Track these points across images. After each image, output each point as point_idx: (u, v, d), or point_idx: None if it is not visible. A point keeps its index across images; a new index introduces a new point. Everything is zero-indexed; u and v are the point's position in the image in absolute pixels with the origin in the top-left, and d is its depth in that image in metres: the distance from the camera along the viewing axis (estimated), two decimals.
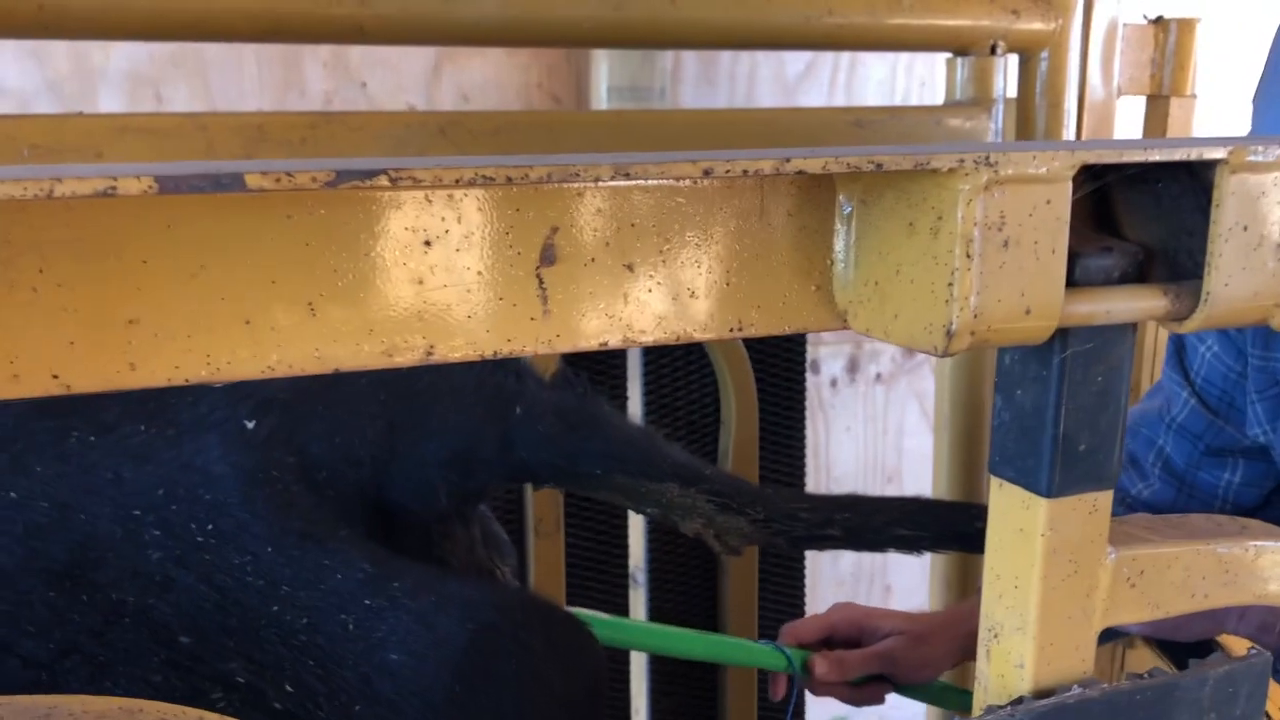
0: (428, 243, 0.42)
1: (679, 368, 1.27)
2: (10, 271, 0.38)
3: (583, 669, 0.77)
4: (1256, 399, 1.07)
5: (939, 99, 1.30)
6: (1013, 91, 1.29)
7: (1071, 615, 0.51)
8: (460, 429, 0.77)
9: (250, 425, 0.68)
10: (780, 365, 1.33)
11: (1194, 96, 1.33)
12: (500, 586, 0.83)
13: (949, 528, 0.65)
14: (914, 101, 1.98)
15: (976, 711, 0.52)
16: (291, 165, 0.35)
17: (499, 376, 0.79)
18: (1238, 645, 0.55)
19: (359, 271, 0.42)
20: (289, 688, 0.63)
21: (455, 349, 0.44)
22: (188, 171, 0.34)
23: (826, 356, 2.39)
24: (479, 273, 0.43)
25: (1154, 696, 0.51)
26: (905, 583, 2.45)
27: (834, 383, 2.43)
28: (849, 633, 1.08)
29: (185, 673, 0.62)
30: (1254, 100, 1.02)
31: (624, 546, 1.31)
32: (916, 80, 2.06)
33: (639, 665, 1.36)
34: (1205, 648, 0.55)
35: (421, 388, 0.77)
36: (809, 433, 1.45)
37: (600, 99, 1.69)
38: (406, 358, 0.43)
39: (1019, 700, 0.50)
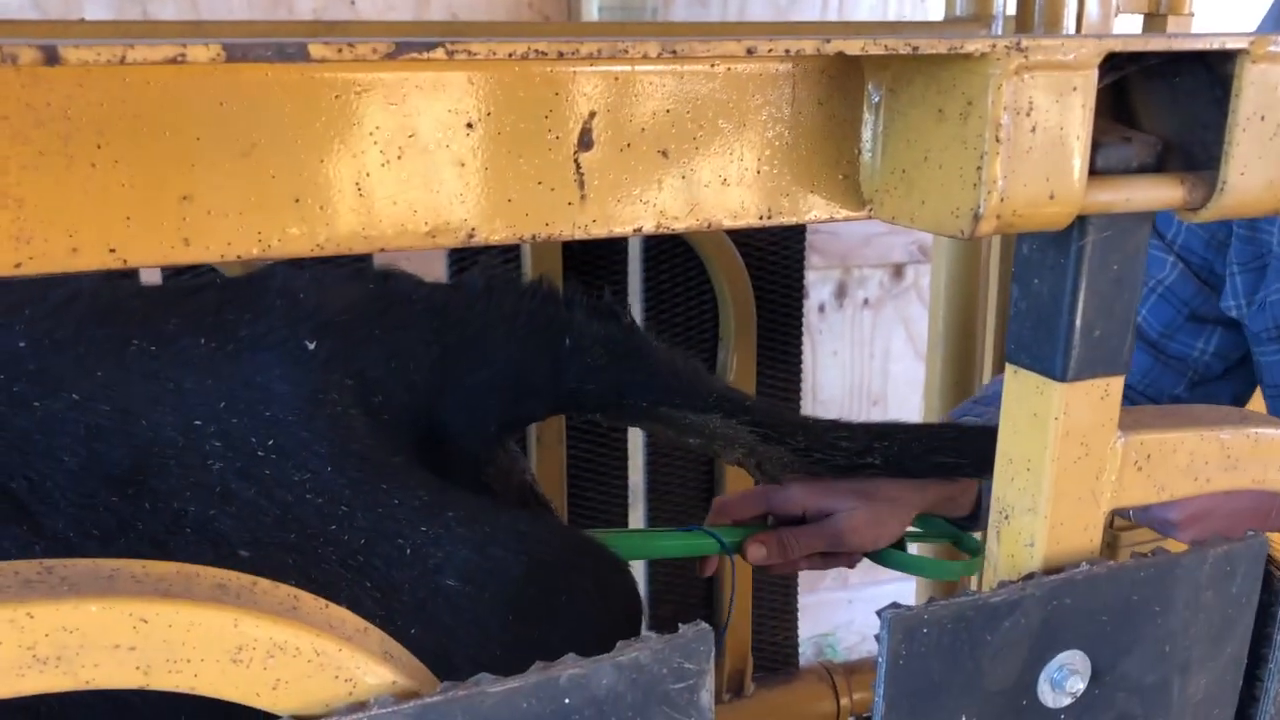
0: (470, 125, 0.43)
1: (679, 284, 1.29)
2: (70, 147, 0.38)
3: (625, 610, 0.78)
4: (1238, 270, 1.05)
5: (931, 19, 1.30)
6: (1012, 9, 1.29)
7: (1081, 496, 0.54)
8: (511, 358, 0.77)
9: (310, 346, 0.68)
10: (778, 286, 1.34)
11: (1191, 15, 1.34)
12: (548, 520, 0.83)
13: (988, 453, 0.65)
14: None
15: (988, 588, 0.54)
16: (351, 38, 0.36)
17: (549, 307, 0.79)
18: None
19: (404, 153, 0.43)
20: (346, 607, 0.63)
21: (495, 231, 0.45)
22: (253, 42, 0.35)
23: (815, 282, 2.40)
24: (519, 156, 0.44)
25: (1156, 574, 0.54)
26: None
27: (822, 308, 2.45)
28: (789, 509, 1.01)
29: None
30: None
31: (624, 460, 1.33)
32: (909, 2, 2.05)
33: (637, 574, 1.38)
34: None
35: (473, 316, 0.77)
36: None
37: (591, 18, 1.68)
38: (449, 239, 0.44)
39: (1030, 576, 0.53)
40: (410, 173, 0.43)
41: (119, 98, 0.39)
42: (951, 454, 0.90)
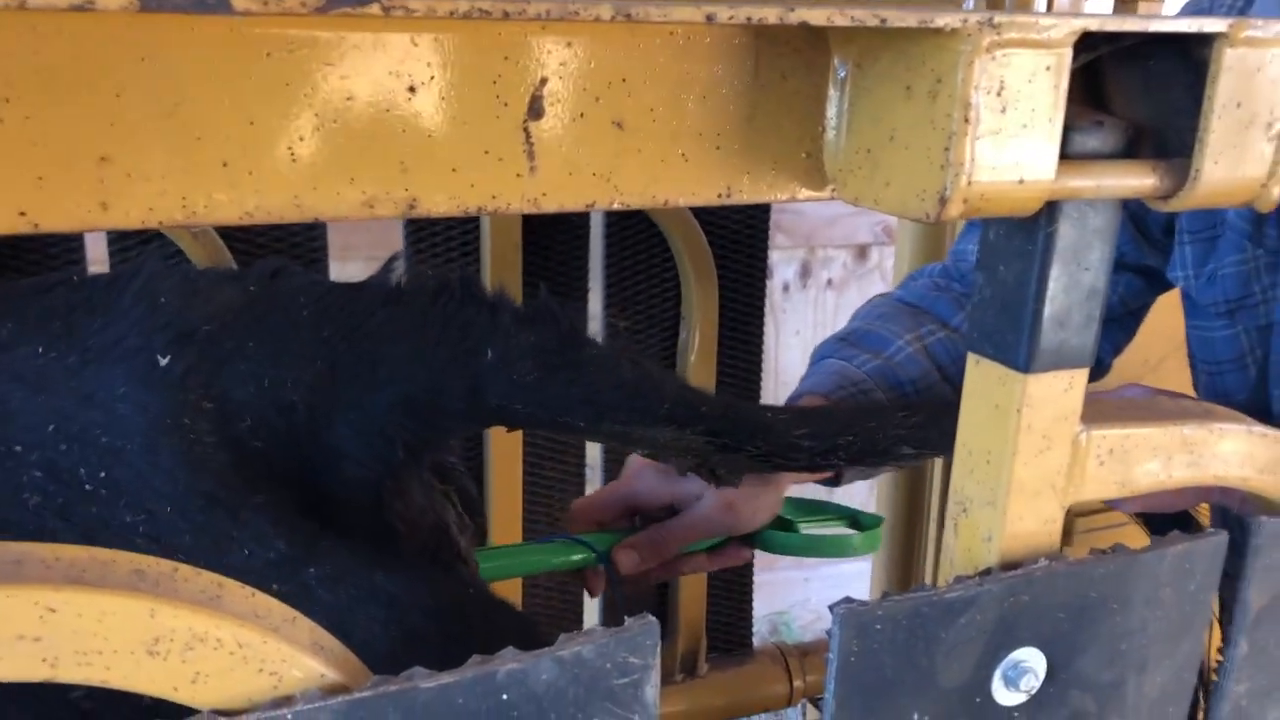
0: (412, 89, 0.41)
1: (641, 261, 1.26)
2: None
3: None
4: (1188, 240, 1.03)
5: None
6: None
7: (1041, 491, 0.52)
8: (420, 375, 0.65)
9: (164, 361, 0.58)
10: (741, 265, 1.32)
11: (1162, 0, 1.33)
12: (442, 582, 0.70)
13: (953, 437, 0.57)
14: None
15: (943, 582, 0.53)
16: None
17: (469, 311, 0.67)
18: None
19: (341, 116, 0.40)
20: None
21: (438, 203, 0.43)
22: None
23: (780, 261, 2.39)
24: (464, 123, 0.42)
25: (1115, 571, 0.53)
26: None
27: (786, 287, 2.44)
28: (653, 503, 0.94)
29: None
30: None
31: (580, 444, 1.31)
32: None
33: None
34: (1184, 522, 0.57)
35: (374, 324, 0.65)
36: None
37: None
38: (388, 209, 0.42)
39: (987, 571, 0.51)
40: (347, 138, 0.40)
41: (29, 48, 0.36)
42: (916, 444, 0.85)
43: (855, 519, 1.04)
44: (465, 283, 0.68)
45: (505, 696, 0.43)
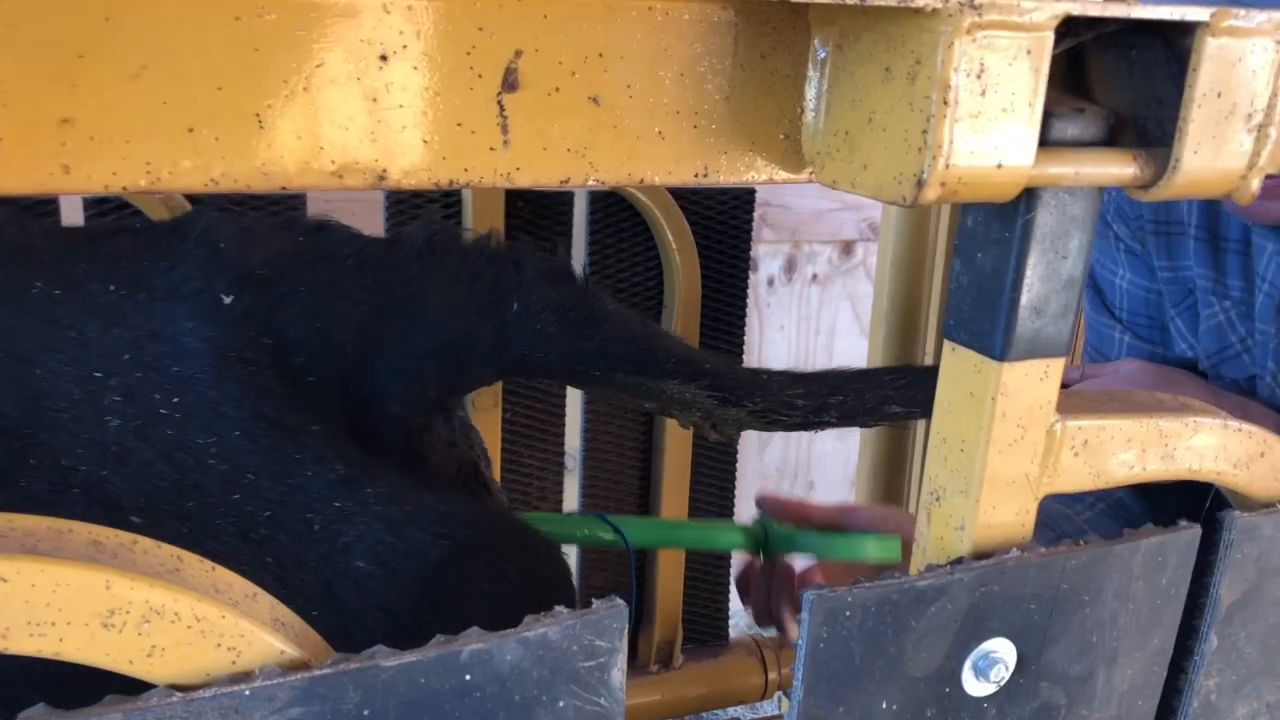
0: (384, 57, 0.40)
1: (624, 249, 1.26)
2: None
3: (557, 602, 0.72)
4: (1175, 314, 1.08)
5: None
6: None
7: (1014, 480, 0.52)
8: (453, 322, 0.72)
9: (227, 300, 0.63)
10: (725, 257, 1.32)
11: None
12: (478, 502, 0.78)
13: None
14: None
15: (915, 571, 0.53)
16: None
17: (496, 267, 0.74)
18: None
19: (310, 84, 0.39)
20: None
21: (409, 175, 0.42)
22: None
23: (765, 255, 2.39)
24: (437, 94, 0.41)
25: (1088, 561, 0.53)
26: (827, 478, 2.50)
27: (771, 282, 2.44)
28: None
29: None
30: None
31: (561, 425, 1.31)
32: None
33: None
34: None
35: (411, 274, 0.71)
36: None
37: None
38: (357, 180, 0.41)
39: (959, 560, 0.51)
40: (317, 106, 0.40)
41: None
42: (903, 403, 0.88)
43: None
44: (493, 239, 0.75)
45: (468, 677, 0.42)
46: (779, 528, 1.01)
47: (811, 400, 0.85)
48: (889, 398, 0.86)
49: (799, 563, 1.03)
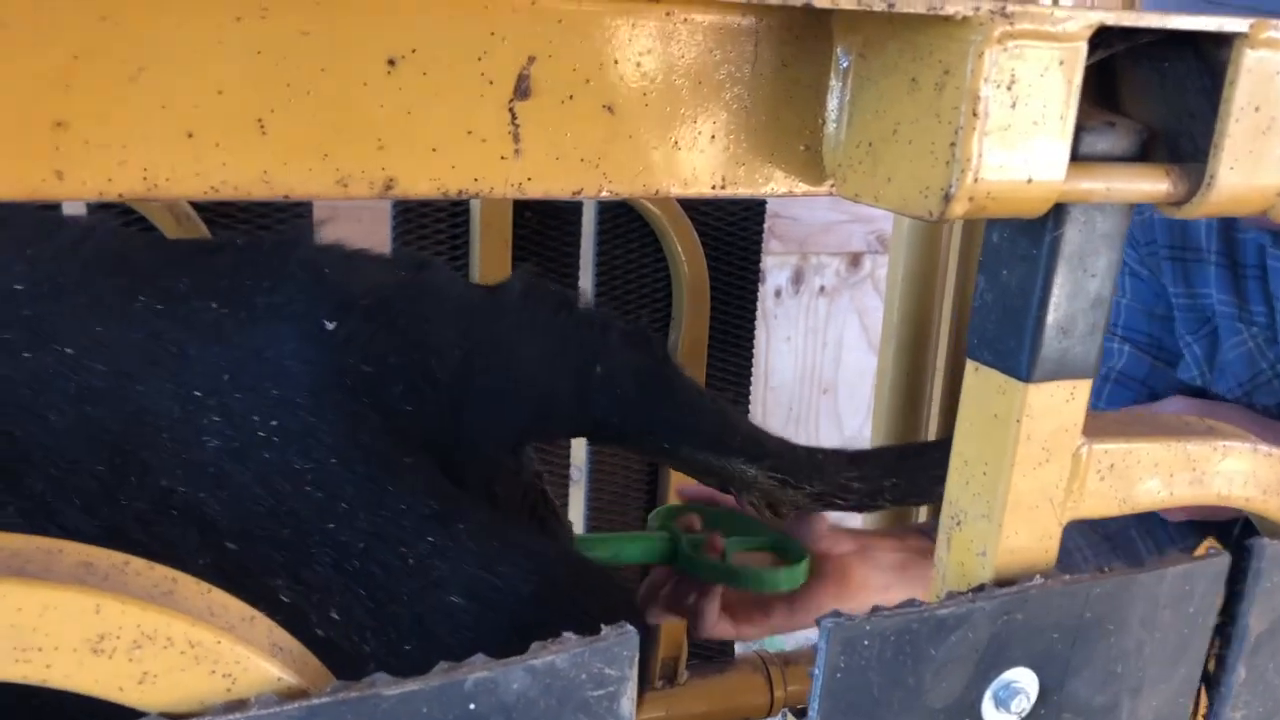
0: (391, 61, 0.39)
1: (633, 260, 1.24)
2: None
3: None
4: (1191, 340, 1.06)
5: None
6: None
7: (1038, 505, 0.50)
8: (542, 376, 0.72)
9: (330, 325, 0.62)
10: (734, 269, 1.30)
11: None
12: (557, 541, 0.78)
13: None
14: None
15: (935, 598, 0.51)
16: None
17: (584, 328, 0.74)
18: None
19: (314, 88, 0.38)
20: (335, 615, 0.57)
21: (417, 184, 0.40)
22: None
23: (773, 267, 2.37)
24: (446, 101, 0.40)
25: (1113, 589, 0.51)
26: None
27: (778, 293, 2.42)
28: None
29: (227, 582, 0.55)
30: None
31: (566, 443, 1.29)
32: None
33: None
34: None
35: (506, 322, 0.72)
36: None
37: None
38: (363, 188, 0.40)
39: (980, 588, 0.49)
40: (321, 112, 0.38)
41: None
42: None
43: (783, 547, 0.99)
44: (580, 299, 0.77)
45: (473, 706, 0.41)
46: (690, 537, 0.96)
47: (866, 484, 0.85)
48: (939, 478, 0.86)
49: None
